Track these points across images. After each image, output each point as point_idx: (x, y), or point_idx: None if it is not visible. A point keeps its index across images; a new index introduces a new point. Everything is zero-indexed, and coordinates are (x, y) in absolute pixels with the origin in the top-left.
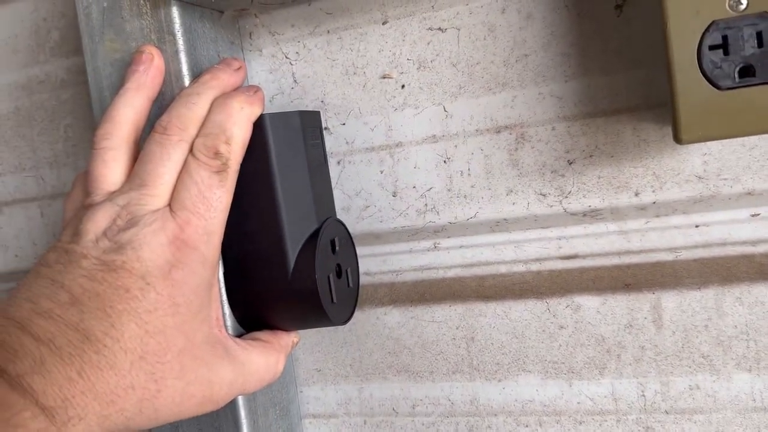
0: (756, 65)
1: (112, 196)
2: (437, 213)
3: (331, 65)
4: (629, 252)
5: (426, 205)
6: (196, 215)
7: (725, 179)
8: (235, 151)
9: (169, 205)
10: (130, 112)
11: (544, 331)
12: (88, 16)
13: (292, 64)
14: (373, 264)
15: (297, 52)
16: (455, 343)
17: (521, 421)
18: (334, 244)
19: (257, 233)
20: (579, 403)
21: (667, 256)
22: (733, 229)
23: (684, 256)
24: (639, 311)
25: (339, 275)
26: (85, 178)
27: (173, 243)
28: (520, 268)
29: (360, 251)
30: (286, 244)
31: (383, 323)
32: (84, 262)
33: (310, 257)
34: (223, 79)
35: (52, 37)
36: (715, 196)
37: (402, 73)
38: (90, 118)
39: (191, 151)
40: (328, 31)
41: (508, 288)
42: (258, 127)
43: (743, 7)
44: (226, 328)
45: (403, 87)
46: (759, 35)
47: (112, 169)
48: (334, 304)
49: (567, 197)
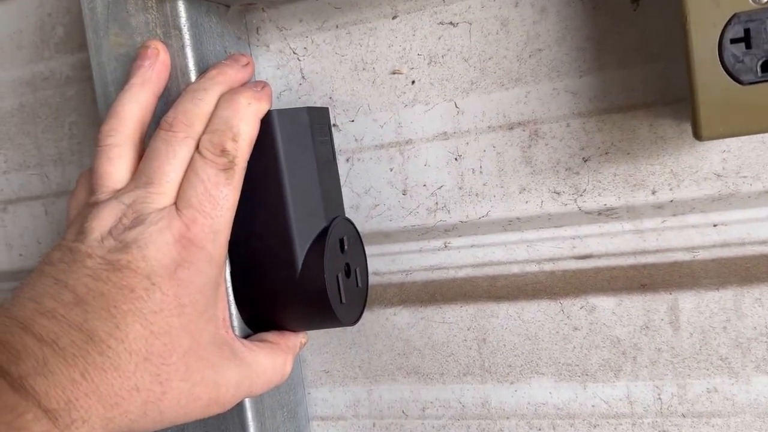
0: None
1: (118, 194)
2: (448, 211)
3: (339, 61)
4: (645, 252)
5: (437, 203)
6: (202, 214)
7: (745, 177)
8: (243, 148)
9: (175, 204)
10: (135, 107)
11: (557, 332)
12: (92, 10)
13: (300, 60)
14: (383, 263)
15: (305, 48)
16: (466, 344)
17: (534, 424)
18: (343, 243)
19: (265, 232)
20: (593, 406)
21: (684, 256)
22: (752, 229)
23: (702, 255)
24: (655, 312)
25: (348, 275)
26: (89, 176)
27: (179, 242)
28: (533, 268)
29: (369, 250)
30: (295, 243)
31: (393, 324)
32: (89, 262)
33: (318, 256)
34: (230, 74)
35: (57, 33)
36: (734, 195)
37: (412, 68)
38: (95, 115)
39: (197, 148)
40: (337, 26)
41: (520, 288)
42: (266, 123)
43: None
44: (232, 328)
45: (413, 83)
46: None
47: (117, 166)
48: (343, 304)
49: (582, 195)
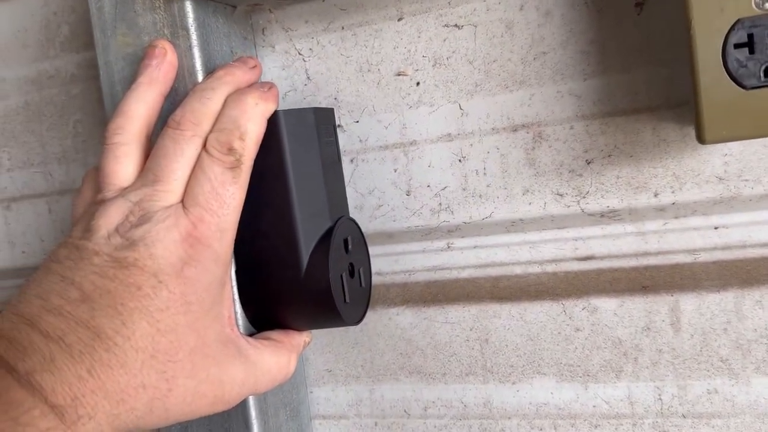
0: None
1: (125, 191)
2: (451, 212)
3: (345, 62)
4: (647, 254)
5: (440, 204)
6: (209, 212)
7: (746, 180)
8: (249, 147)
9: (182, 202)
10: (142, 106)
11: (559, 333)
12: (100, 9)
13: (305, 61)
14: (386, 264)
15: (310, 49)
16: (468, 344)
17: (535, 424)
18: (347, 243)
19: (270, 231)
20: (595, 406)
21: (685, 258)
22: (753, 231)
23: (703, 258)
24: (657, 314)
25: (352, 275)
26: (95, 175)
27: (186, 240)
28: (536, 269)
29: (372, 251)
30: (300, 243)
31: (395, 324)
32: (95, 259)
33: (323, 256)
34: (238, 75)
35: (62, 32)
36: (736, 198)
37: (417, 70)
38: (100, 113)
39: (205, 146)
40: (343, 28)
41: (523, 289)
42: (272, 123)
43: None
44: (237, 327)
45: (418, 84)
46: None
47: (123, 164)
48: (346, 303)
49: (585, 197)
